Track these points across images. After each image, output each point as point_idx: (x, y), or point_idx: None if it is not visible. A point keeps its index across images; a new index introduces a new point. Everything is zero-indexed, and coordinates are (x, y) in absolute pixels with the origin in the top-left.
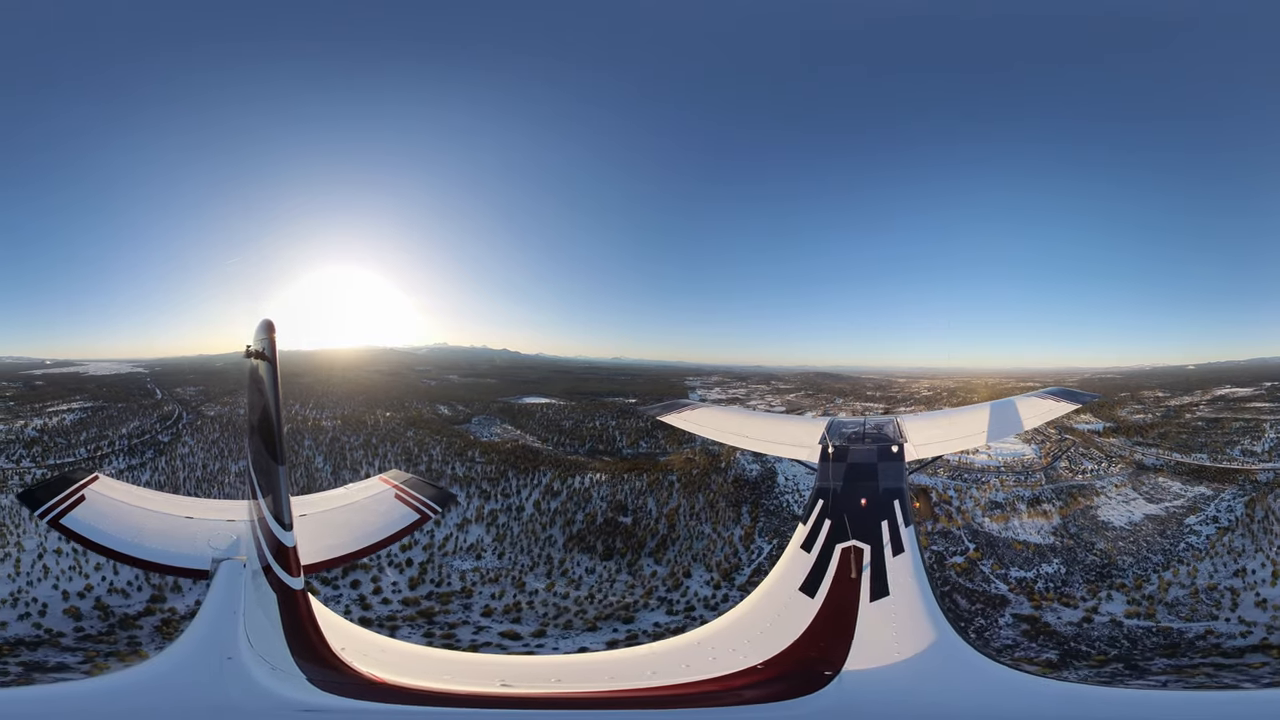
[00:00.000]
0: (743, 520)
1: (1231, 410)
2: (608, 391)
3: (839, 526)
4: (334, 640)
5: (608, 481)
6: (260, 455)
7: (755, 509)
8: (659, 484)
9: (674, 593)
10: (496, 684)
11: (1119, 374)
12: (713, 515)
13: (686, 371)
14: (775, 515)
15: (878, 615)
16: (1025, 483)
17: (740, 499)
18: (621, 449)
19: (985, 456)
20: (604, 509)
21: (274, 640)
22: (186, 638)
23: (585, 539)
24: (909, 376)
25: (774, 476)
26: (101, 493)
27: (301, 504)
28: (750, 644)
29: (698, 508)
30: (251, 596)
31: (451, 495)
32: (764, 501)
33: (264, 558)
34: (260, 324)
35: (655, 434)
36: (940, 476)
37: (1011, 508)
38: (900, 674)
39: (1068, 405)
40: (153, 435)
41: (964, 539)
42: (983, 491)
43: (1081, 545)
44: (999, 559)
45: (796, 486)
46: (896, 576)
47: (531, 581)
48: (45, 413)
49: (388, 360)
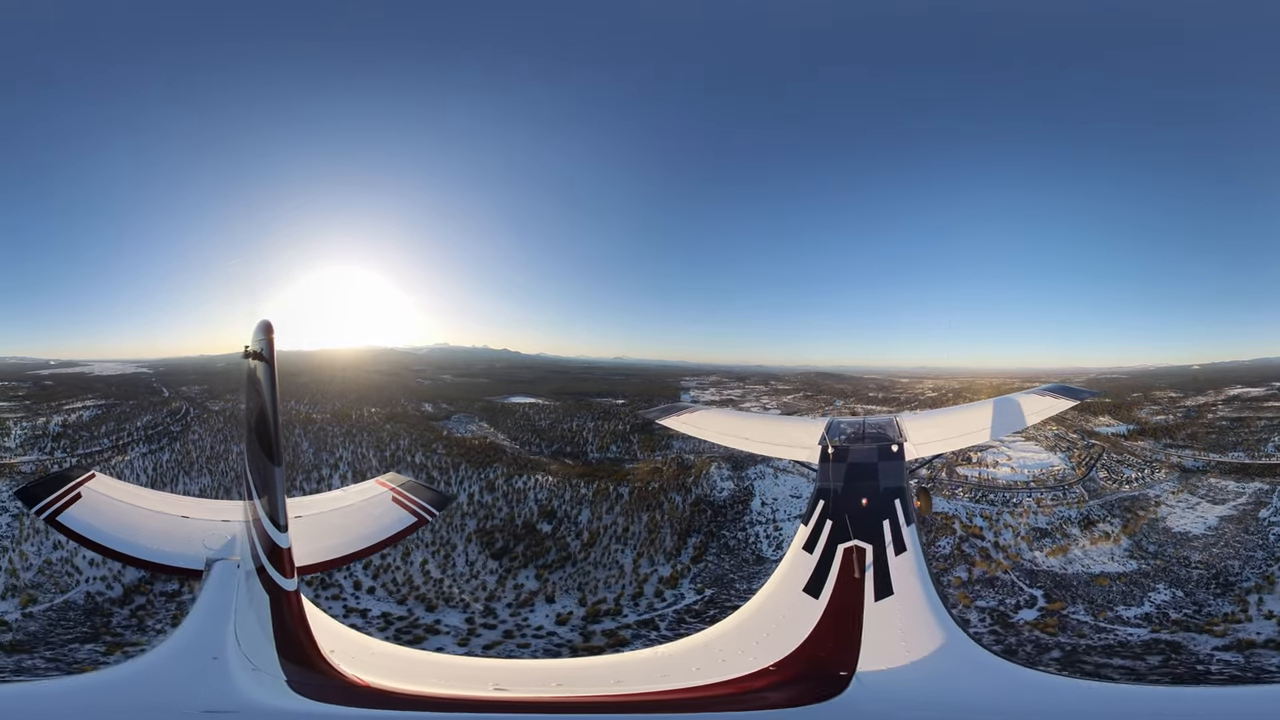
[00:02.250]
0: (680, 558)
1: (1251, 410)
2: (597, 392)
3: (840, 527)
4: (324, 642)
5: (553, 485)
6: (256, 455)
7: (706, 543)
8: (604, 494)
9: (507, 613)
10: (490, 688)
11: (1125, 374)
12: (645, 543)
13: (685, 372)
14: (730, 554)
15: (883, 614)
16: (1066, 500)
17: (693, 527)
18: (589, 452)
19: (1008, 470)
20: (532, 512)
21: (262, 641)
22: (176, 636)
23: (492, 536)
24: (912, 377)
25: (747, 500)
26: (98, 491)
27: (297, 506)
28: (759, 645)
29: (633, 530)
30: (244, 597)
31: (449, 497)
32: (724, 533)
33: (258, 558)
34: (258, 325)
35: (631, 438)
36: (961, 500)
37: (1062, 533)
38: (915, 675)
39: (1067, 401)
40: (165, 427)
41: (1021, 584)
42: (1019, 516)
43: (1175, 561)
44: (1089, 601)
45: (773, 515)
46: (900, 575)
47: (416, 555)
48: (62, 410)
49: (386, 360)
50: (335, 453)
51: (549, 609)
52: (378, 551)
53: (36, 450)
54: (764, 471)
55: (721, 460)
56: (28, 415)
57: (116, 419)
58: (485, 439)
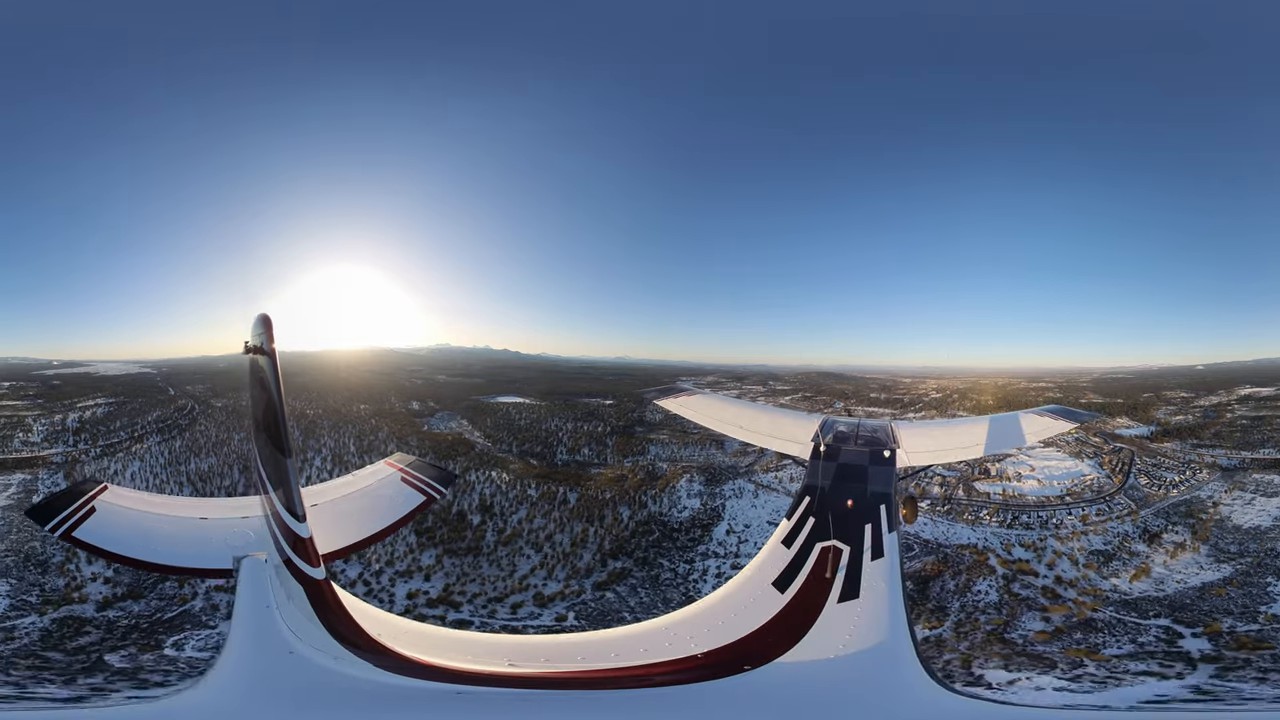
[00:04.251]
0: (585, 580)
1: (1269, 409)
2: (588, 392)
3: (822, 524)
4: (368, 626)
5: (505, 483)
6: (267, 449)
7: (629, 570)
8: (550, 498)
9: (384, 577)
10: (505, 663)
11: (1129, 373)
12: (559, 555)
13: (686, 372)
14: (653, 589)
15: (839, 616)
16: (1114, 512)
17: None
18: (558, 454)
19: (1035, 482)
20: (472, 504)
21: (316, 630)
22: (235, 639)
23: (425, 517)
24: (915, 376)
25: (711, 525)
26: (112, 502)
27: (311, 494)
28: (710, 633)
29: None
30: (279, 591)
31: (453, 475)
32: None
33: (283, 551)
34: (257, 319)
35: (607, 441)
36: (989, 525)
37: (1128, 552)
38: (825, 669)
39: (1066, 424)
40: (174, 421)
41: (1129, 619)
42: (1069, 541)
43: (1266, 555)
44: (1226, 613)
45: (738, 548)
46: (870, 580)
47: None
48: (76, 408)
49: (386, 360)
50: (321, 440)
51: (413, 584)
52: (394, 532)
53: (61, 444)
54: (743, 488)
55: (696, 472)
56: (44, 413)
57: (129, 415)
58: (459, 435)
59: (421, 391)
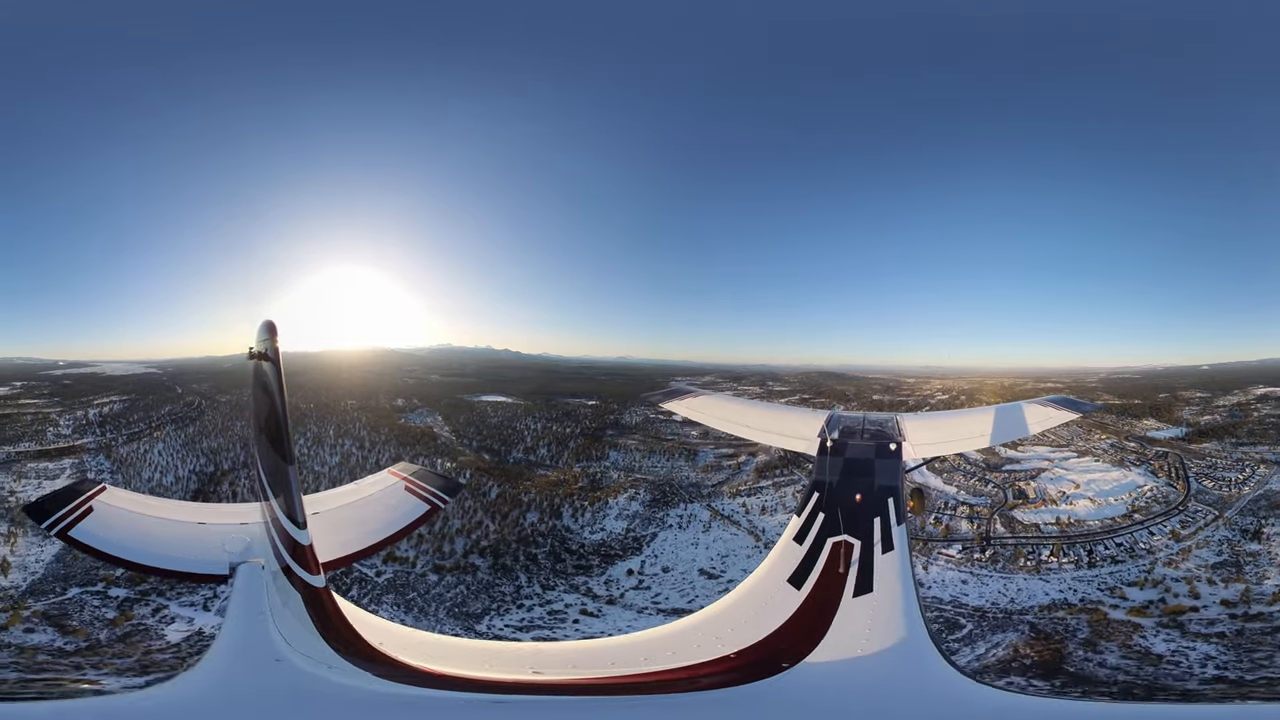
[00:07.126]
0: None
1: None
2: (574, 393)
3: (832, 520)
4: (370, 635)
5: (444, 470)
6: (269, 456)
7: (475, 579)
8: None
9: None
10: (528, 671)
11: (1135, 373)
12: (435, 547)
13: (685, 371)
14: (473, 596)
15: (857, 610)
16: (1198, 521)
17: (501, 551)
18: (514, 452)
19: (1087, 502)
20: None
21: (311, 639)
22: (222, 643)
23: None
24: (918, 376)
25: (617, 559)
26: (109, 503)
27: (314, 502)
28: (733, 633)
29: (439, 529)
30: (275, 598)
31: (460, 484)
32: (524, 578)
33: (282, 558)
34: (261, 325)
35: (569, 443)
36: (1061, 568)
37: (1245, 553)
38: (855, 668)
39: (1070, 414)
40: (185, 414)
41: None
42: (1178, 564)
43: None
44: None
45: (620, 595)
46: (883, 573)
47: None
48: (93, 405)
49: (385, 361)
50: (306, 429)
51: None
52: (396, 542)
53: (90, 435)
54: (693, 516)
55: (646, 487)
56: (65, 409)
57: (143, 410)
58: (428, 429)
59: (409, 389)
